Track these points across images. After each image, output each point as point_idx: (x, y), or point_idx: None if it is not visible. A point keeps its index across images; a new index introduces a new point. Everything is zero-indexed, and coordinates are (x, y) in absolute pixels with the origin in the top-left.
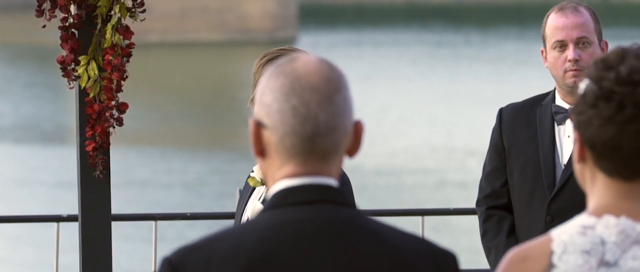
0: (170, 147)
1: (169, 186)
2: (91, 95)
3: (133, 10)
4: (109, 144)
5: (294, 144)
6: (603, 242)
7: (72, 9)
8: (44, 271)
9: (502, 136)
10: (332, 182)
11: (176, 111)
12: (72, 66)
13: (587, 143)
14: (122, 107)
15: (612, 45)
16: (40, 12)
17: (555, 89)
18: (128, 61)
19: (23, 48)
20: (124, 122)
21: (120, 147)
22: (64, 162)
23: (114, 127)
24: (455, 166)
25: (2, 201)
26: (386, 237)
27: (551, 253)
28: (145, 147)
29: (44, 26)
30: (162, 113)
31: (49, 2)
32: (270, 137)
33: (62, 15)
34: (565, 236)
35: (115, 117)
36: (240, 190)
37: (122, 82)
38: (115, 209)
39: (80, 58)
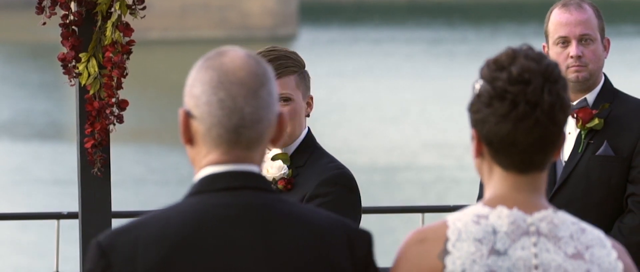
0: (169, 144)
1: (166, 182)
2: (91, 92)
3: (133, 7)
4: (108, 141)
5: (220, 135)
6: (495, 232)
7: (73, 6)
8: (45, 268)
9: None
10: (255, 169)
11: (176, 108)
12: (73, 63)
13: (484, 140)
14: (122, 105)
15: (613, 42)
16: (40, 10)
17: None
18: (128, 58)
19: (23, 45)
20: (124, 119)
21: (119, 145)
22: (64, 159)
23: (114, 125)
24: (452, 162)
25: (0, 198)
26: (303, 220)
27: (446, 239)
28: (145, 144)
29: (45, 23)
30: (162, 110)
31: None
32: (198, 127)
33: (63, 12)
34: (459, 223)
35: (116, 114)
36: None
37: (122, 79)
38: (113, 206)
39: (80, 55)
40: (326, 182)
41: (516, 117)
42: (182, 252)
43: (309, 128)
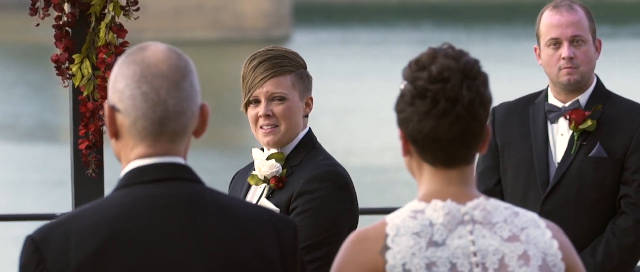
0: None
1: None
2: (85, 93)
3: (127, 8)
4: (102, 142)
5: (145, 127)
6: (431, 224)
7: (66, 7)
8: None
9: (495, 135)
10: (181, 160)
11: None
12: (66, 65)
13: (409, 138)
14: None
15: (605, 44)
16: (34, 11)
17: (548, 88)
18: None
19: (16, 46)
20: None
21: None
22: (57, 161)
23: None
24: None
25: None
26: (231, 209)
27: (386, 236)
28: None
29: (38, 24)
30: None
31: (42, 0)
32: (123, 120)
33: (56, 13)
34: (397, 220)
35: None
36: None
37: None
38: None
39: (74, 56)
40: (314, 178)
41: (437, 114)
42: (114, 244)
43: (309, 128)
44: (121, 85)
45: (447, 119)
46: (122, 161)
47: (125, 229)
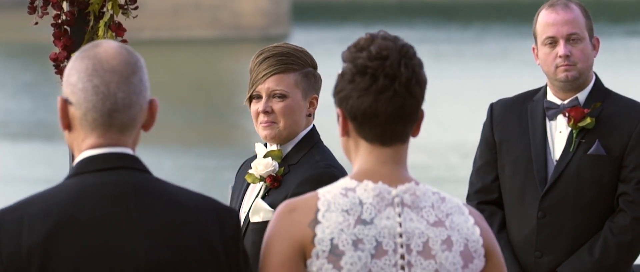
0: (161, 144)
1: None
2: None
3: (125, 7)
4: None
5: (95, 119)
6: (361, 203)
7: (65, 5)
8: None
9: (493, 131)
10: (129, 151)
11: (168, 108)
12: (65, 63)
13: (349, 115)
14: None
15: (603, 42)
16: (32, 9)
17: (546, 85)
18: None
19: (15, 45)
20: None
21: None
22: (55, 159)
23: None
24: (437, 162)
25: None
26: (176, 198)
27: (317, 210)
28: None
29: (37, 23)
30: None
31: None
32: (75, 112)
33: (55, 12)
34: (329, 195)
35: None
36: (232, 187)
37: None
38: None
39: (72, 55)
40: (308, 180)
41: (376, 90)
42: (63, 230)
43: (313, 126)
44: (74, 78)
45: (386, 94)
46: (74, 151)
47: (75, 215)
